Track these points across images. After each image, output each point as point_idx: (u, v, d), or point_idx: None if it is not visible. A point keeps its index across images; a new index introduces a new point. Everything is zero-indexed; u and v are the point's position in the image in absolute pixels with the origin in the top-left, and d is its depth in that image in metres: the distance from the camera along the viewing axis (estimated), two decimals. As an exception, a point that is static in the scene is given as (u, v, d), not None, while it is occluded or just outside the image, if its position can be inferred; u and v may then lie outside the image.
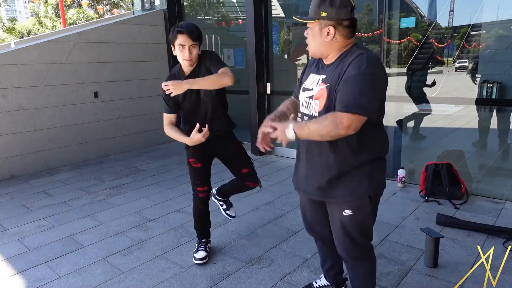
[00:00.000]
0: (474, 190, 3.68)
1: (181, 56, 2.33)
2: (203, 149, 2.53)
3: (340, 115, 1.45)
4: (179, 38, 2.28)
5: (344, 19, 1.56)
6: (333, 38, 1.59)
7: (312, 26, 1.62)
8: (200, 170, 2.59)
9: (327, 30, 1.58)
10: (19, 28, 28.33)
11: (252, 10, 4.94)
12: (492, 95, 3.71)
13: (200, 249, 2.70)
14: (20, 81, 4.75)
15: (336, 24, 1.57)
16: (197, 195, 2.65)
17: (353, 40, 1.64)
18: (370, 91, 1.48)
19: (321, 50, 1.65)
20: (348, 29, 1.59)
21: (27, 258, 2.79)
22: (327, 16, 1.56)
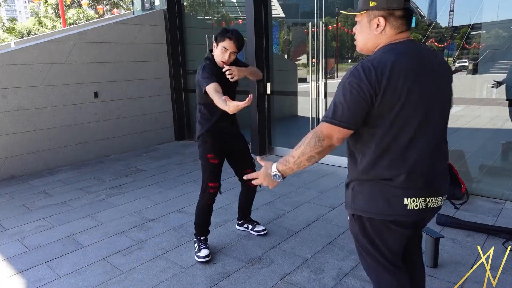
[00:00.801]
0: (474, 190, 3.68)
1: (220, 57, 2.55)
2: (223, 146, 2.68)
3: (320, 125, 1.40)
4: (226, 42, 2.50)
5: (396, 8, 1.38)
6: (382, 31, 1.42)
7: (360, 18, 1.48)
8: (217, 166, 2.67)
9: (376, 21, 1.41)
10: (19, 28, 28.35)
11: (252, 10, 4.94)
12: (493, 94, 3.71)
13: (202, 248, 2.71)
14: (20, 81, 4.75)
15: (386, 14, 1.40)
16: (208, 191, 2.68)
17: (405, 35, 1.43)
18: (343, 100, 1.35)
19: (367, 45, 1.49)
20: (400, 20, 1.40)
21: (27, 258, 2.79)
22: (377, 5, 1.40)
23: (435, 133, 1.45)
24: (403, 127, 1.37)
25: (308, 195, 3.85)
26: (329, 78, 4.85)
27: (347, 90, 1.34)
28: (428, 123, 1.41)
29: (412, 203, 1.42)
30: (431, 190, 1.45)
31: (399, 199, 1.42)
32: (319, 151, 1.40)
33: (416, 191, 1.42)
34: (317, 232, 3.05)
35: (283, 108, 5.81)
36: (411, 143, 1.39)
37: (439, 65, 1.44)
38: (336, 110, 1.36)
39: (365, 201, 1.47)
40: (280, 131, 5.66)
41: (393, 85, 1.32)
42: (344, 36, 5.10)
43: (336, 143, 1.39)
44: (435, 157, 1.46)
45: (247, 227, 3.07)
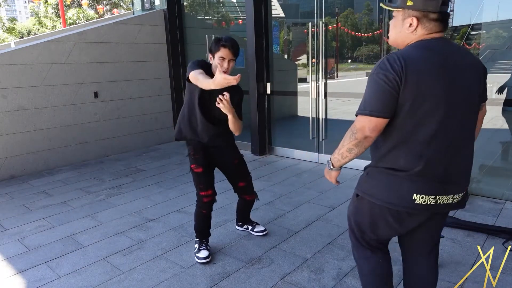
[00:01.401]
0: (474, 190, 3.68)
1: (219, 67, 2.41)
2: (204, 155, 2.63)
3: (355, 120, 1.47)
4: (222, 51, 2.44)
5: (431, 11, 1.43)
6: (414, 31, 1.47)
7: (396, 14, 1.52)
8: (202, 174, 2.63)
9: (409, 21, 1.46)
10: (19, 28, 28.36)
11: (252, 10, 4.94)
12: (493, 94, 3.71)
13: (202, 249, 2.71)
14: (20, 81, 4.75)
15: (421, 15, 1.44)
16: (201, 200, 2.66)
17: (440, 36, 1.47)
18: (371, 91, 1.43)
19: (397, 40, 1.55)
20: (433, 22, 1.44)
21: (27, 258, 2.79)
22: (413, 5, 1.44)
23: (458, 132, 1.47)
24: (423, 120, 1.40)
25: (308, 195, 3.85)
26: (329, 78, 4.84)
27: (374, 82, 1.42)
28: (450, 122, 1.43)
29: (421, 199, 1.46)
30: (444, 189, 1.47)
31: (409, 193, 1.46)
32: (355, 143, 1.46)
33: (427, 187, 1.45)
34: (317, 232, 3.05)
35: (283, 108, 5.81)
36: (431, 139, 1.42)
37: (468, 66, 1.47)
38: (365, 102, 1.44)
39: (375, 186, 1.54)
40: (280, 131, 5.66)
41: (415, 77, 1.36)
42: (344, 36, 5.10)
43: (370, 133, 1.42)
44: (454, 156, 1.48)
45: (246, 227, 3.08)
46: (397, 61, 1.37)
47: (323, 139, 4.89)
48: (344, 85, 5.41)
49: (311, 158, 5.04)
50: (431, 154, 1.43)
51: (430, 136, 1.41)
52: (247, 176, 2.80)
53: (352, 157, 1.52)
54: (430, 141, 1.42)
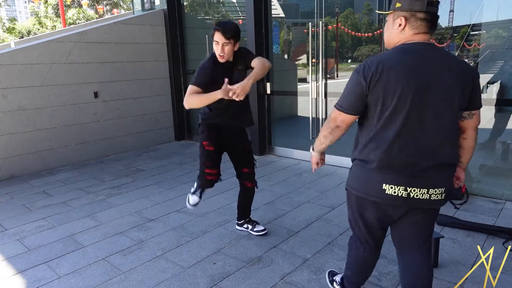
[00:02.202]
0: (474, 190, 3.68)
1: (216, 51, 2.52)
2: (218, 137, 2.68)
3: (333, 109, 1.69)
4: (215, 35, 2.48)
5: (418, 10, 1.51)
6: (402, 30, 1.56)
7: (388, 18, 1.64)
8: (212, 152, 2.67)
9: (399, 21, 1.56)
10: (19, 28, 28.35)
11: (252, 10, 4.94)
12: (493, 94, 3.71)
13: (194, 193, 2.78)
14: (20, 81, 4.75)
15: (409, 15, 1.53)
16: (204, 177, 2.68)
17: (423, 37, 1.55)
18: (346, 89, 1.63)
19: (389, 41, 1.65)
20: (421, 22, 1.52)
21: (27, 258, 2.79)
22: (401, 6, 1.55)
23: (428, 133, 1.54)
24: (391, 120, 1.54)
25: (308, 195, 3.85)
26: (329, 78, 4.84)
27: (350, 81, 1.60)
28: (416, 121, 1.53)
29: (390, 189, 1.58)
30: (414, 182, 1.57)
31: (378, 183, 1.60)
32: (329, 131, 1.71)
33: (396, 179, 1.57)
34: (317, 232, 3.05)
35: (283, 108, 5.81)
36: (397, 137, 1.54)
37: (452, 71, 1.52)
38: (341, 97, 1.65)
39: (353, 178, 1.73)
40: (280, 131, 5.66)
41: (385, 80, 1.49)
42: (344, 36, 5.10)
43: (341, 124, 1.66)
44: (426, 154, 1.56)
45: (246, 227, 3.07)
46: (371, 67, 1.51)
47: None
48: (344, 85, 5.40)
49: (311, 158, 5.03)
50: (397, 151, 1.55)
51: (396, 134, 1.54)
52: (252, 164, 2.85)
53: (327, 143, 1.77)
54: (396, 139, 1.54)
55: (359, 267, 1.96)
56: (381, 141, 1.57)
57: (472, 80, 1.56)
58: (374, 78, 1.50)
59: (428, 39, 1.56)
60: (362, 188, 1.67)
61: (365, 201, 1.69)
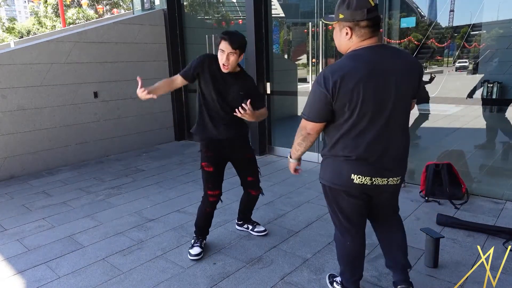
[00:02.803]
0: (474, 190, 3.68)
1: (220, 60, 2.48)
2: (218, 153, 2.63)
3: None
4: (222, 44, 2.45)
5: (360, 20, 1.65)
6: (350, 38, 1.70)
7: (335, 26, 1.77)
8: (212, 174, 2.63)
9: (345, 30, 1.70)
10: (19, 28, 28.33)
11: (252, 10, 4.94)
12: (493, 95, 3.71)
13: (196, 245, 2.73)
14: (20, 81, 4.75)
15: (353, 25, 1.67)
16: (207, 199, 2.67)
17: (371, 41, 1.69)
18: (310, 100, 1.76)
19: (341, 48, 1.79)
20: (365, 29, 1.67)
21: (26, 258, 2.79)
22: (344, 17, 1.68)
23: (388, 126, 1.72)
24: (357, 120, 1.69)
25: (308, 195, 3.85)
26: (329, 78, 4.83)
27: (313, 93, 1.73)
28: (380, 117, 1.70)
29: (358, 179, 1.76)
30: (379, 173, 1.77)
31: (348, 174, 1.77)
32: (302, 138, 1.87)
33: (362, 170, 1.75)
34: (317, 232, 3.04)
35: (283, 108, 5.80)
36: (362, 133, 1.71)
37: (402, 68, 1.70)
38: (306, 108, 1.78)
39: (325, 172, 1.88)
40: (280, 131, 5.66)
41: (345, 88, 1.63)
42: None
43: (310, 132, 1.81)
44: (389, 148, 1.75)
45: (247, 227, 3.07)
46: (329, 78, 1.64)
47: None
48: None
49: (311, 158, 5.04)
50: (364, 146, 1.72)
51: (362, 132, 1.71)
52: (256, 172, 2.82)
53: (303, 150, 1.91)
54: (362, 136, 1.71)
55: (348, 259, 2.04)
56: (348, 141, 1.74)
57: (419, 69, 1.77)
58: (336, 87, 1.63)
59: (375, 41, 1.70)
60: (331, 178, 1.85)
61: (336, 190, 1.86)
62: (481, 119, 3.85)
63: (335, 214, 1.96)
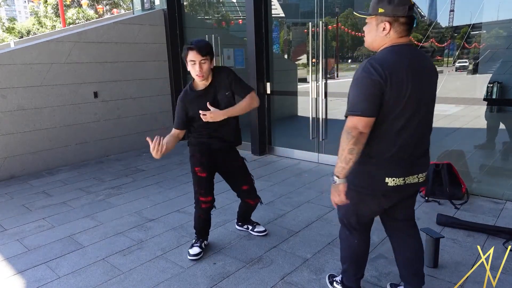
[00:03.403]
0: (474, 190, 3.68)
1: (193, 72, 2.42)
2: (211, 160, 2.60)
3: (346, 121, 1.64)
4: (190, 55, 2.39)
5: (400, 16, 1.63)
6: (387, 34, 1.67)
7: (370, 21, 1.72)
8: (205, 179, 2.61)
9: (383, 25, 1.66)
10: (19, 28, 28.34)
11: (252, 10, 4.94)
12: (493, 95, 3.71)
13: (195, 245, 2.72)
14: (20, 81, 4.75)
15: (392, 20, 1.64)
16: (200, 206, 2.65)
17: (406, 40, 1.68)
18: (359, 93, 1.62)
19: (373, 44, 1.74)
20: (403, 26, 1.65)
21: (26, 258, 2.79)
22: (384, 12, 1.64)
23: (422, 125, 1.72)
24: (398, 116, 1.64)
25: (308, 195, 3.85)
26: (329, 78, 4.84)
27: (362, 85, 1.60)
28: (417, 115, 1.67)
29: (392, 182, 1.71)
30: (410, 171, 1.73)
31: (381, 177, 1.71)
32: (354, 142, 1.61)
33: (396, 171, 1.71)
34: (317, 232, 3.04)
35: (283, 108, 5.81)
36: (401, 131, 1.66)
37: (429, 67, 1.72)
38: (354, 104, 1.62)
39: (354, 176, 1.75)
40: (280, 131, 5.66)
41: (395, 81, 1.58)
42: (344, 36, 5.10)
43: (363, 129, 1.61)
44: (418, 144, 1.73)
45: (247, 227, 3.07)
46: (379, 68, 1.57)
47: (323, 139, 4.89)
48: (344, 85, 5.40)
49: (311, 158, 5.04)
50: (401, 144, 1.68)
51: (401, 128, 1.66)
52: (250, 179, 2.76)
53: (355, 158, 1.64)
54: (401, 132, 1.67)
55: (353, 257, 2.03)
56: (388, 136, 1.67)
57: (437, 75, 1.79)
58: (388, 78, 1.57)
59: (409, 40, 1.71)
60: (363, 182, 1.76)
61: (364, 195, 1.79)
62: (480, 119, 3.85)
63: (351, 215, 1.92)
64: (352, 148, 1.62)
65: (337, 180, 1.71)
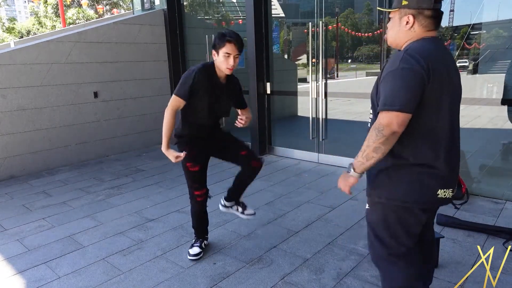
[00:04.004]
0: (474, 190, 3.68)
1: (224, 64, 2.36)
2: (200, 151, 2.58)
3: (378, 117, 1.43)
4: (227, 47, 2.31)
5: (426, 8, 1.49)
6: (411, 28, 1.53)
7: (393, 15, 1.59)
8: (198, 173, 2.60)
9: (406, 19, 1.53)
10: (19, 28, 28.34)
11: (252, 10, 4.94)
12: (493, 95, 3.71)
13: (195, 245, 2.72)
14: (20, 81, 4.75)
15: (416, 13, 1.51)
16: (195, 200, 2.65)
17: (433, 34, 1.53)
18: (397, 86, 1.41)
19: (397, 40, 1.60)
20: (429, 19, 1.51)
21: (27, 258, 2.79)
22: (408, 4, 1.51)
23: (456, 124, 1.57)
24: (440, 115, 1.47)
25: (308, 195, 3.85)
26: (329, 78, 4.84)
27: (400, 76, 1.41)
28: (454, 115, 1.53)
29: (443, 194, 1.52)
30: (454, 180, 1.56)
31: (432, 189, 1.50)
32: (383, 141, 1.42)
33: (448, 181, 1.52)
34: (317, 232, 3.04)
35: (283, 108, 5.81)
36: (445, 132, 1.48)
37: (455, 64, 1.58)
38: (391, 97, 1.40)
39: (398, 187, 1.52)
40: (280, 131, 5.66)
41: (437, 73, 1.42)
42: (344, 36, 5.10)
43: (398, 129, 1.40)
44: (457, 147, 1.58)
45: (236, 209, 2.89)
46: (420, 59, 1.40)
47: (323, 139, 4.89)
48: (344, 85, 5.41)
49: (311, 158, 5.04)
50: (446, 147, 1.50)
51: (445, 129, 1.49)
52: (245, 145, 2.70)
53: (378, 157, 1.46)
54: (444, 134, 1.49)
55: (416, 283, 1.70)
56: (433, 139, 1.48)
57: None
58: (430, 71, 1.40)
59: (436, 35, 1.55)
60: (411, 196, 1.51)
61: (409, 210, 1.55)
62: (480, 119, 3.85)
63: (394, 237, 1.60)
64: (378, 147, 1.43)
65: (351, 172, 1.53)
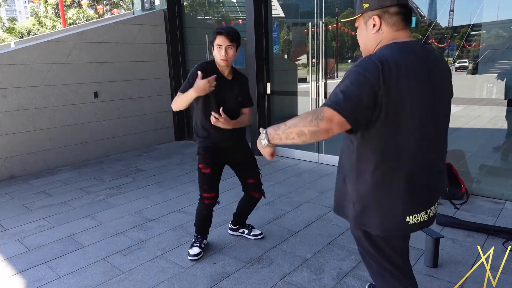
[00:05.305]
0: (474, 190, 3.68)
1: (218, 56, 2.46)
2: (215, 155, 2.62)
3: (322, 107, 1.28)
4: (218, 39, 2.43)
5: (389, 5, 1.36)
6: (379, 30, 1.39)
7: (358, 23, 1.47)
8: (208, 175, 2.61)
9: (372, 21, 1.39)
10: (19, 28, 28.35)
11: (252, 10, 4.94)
12: (493, 95, 3.71)
13: (195, 245, 2.72)
14: (20, 81, 4.75)
15: (381, 12, 1.37)
16: (203, 201, 2.66)
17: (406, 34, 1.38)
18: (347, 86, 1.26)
19: (367, 46, 1.45)
20: (396, 16, 1.36)
21: (27, 258, 2.79)
22: (369, 6, 1.39)
23: (438, 135, 1.41)
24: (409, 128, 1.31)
25: (308, 195, 3.85)
26: (329, 78, 4.84)
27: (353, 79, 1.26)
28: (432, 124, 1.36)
29: (414, 219, 1.39)
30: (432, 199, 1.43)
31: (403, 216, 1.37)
32: (313, 130, 1.26)
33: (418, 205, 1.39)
34: (317, 232, 3.05)
35: (283, 108, 5.81)
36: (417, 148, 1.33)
37: (442, 67, 1.42)
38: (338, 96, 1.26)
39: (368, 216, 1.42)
40: (280, 131, 5.65)
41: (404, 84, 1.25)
42: (344, 36, 5.10)
43: (335, 128, 1.25)
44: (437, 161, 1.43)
45: (242, 231, 3.01)
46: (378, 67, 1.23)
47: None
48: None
49: (311, 158, 5.04)
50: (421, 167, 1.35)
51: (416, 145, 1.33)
52: (257, 174, 2.75)
53: (296, 143, 1.33)
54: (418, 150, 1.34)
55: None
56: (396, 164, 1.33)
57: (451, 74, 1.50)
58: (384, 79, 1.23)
59: (410, 36, 1.39)
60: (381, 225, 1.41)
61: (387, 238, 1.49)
62: (480, 119, 3.85)
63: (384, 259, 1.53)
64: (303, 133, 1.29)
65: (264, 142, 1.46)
